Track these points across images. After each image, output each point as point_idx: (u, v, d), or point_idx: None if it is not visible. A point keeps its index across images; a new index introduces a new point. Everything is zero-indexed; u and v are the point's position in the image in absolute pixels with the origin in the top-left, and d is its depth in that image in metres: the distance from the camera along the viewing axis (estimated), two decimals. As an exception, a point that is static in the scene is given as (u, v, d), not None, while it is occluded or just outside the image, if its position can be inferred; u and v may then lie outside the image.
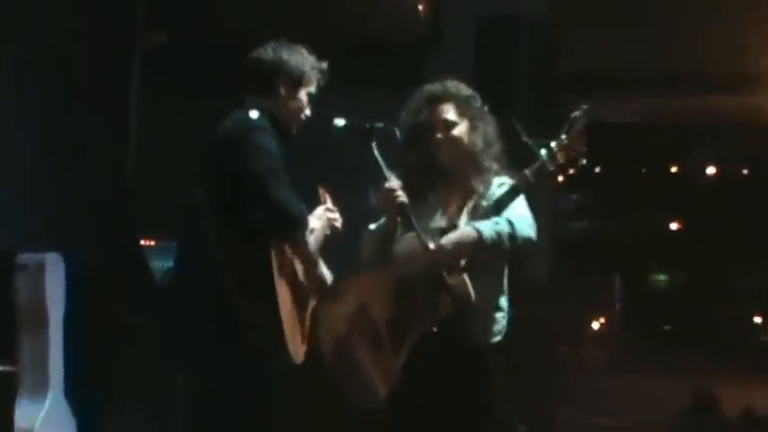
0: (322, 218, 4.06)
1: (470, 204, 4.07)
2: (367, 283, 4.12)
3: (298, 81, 3.99)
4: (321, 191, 4.17)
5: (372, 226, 4.19)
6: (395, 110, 4.17)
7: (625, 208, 11.74)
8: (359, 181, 4.05)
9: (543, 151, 3.91)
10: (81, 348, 5.42)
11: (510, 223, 3.95)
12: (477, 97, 4.18)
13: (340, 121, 4.07)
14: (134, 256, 5.92)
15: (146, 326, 5.65)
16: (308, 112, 4.05)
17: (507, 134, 4.13)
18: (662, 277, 11.91)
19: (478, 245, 3.91)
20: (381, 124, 4.02)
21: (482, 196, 4.07)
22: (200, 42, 6.40)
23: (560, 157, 3.91)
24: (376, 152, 3.99)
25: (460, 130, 4.11)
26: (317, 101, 4.09)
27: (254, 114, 3.86)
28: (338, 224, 4.10)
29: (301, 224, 3.87)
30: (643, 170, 12.13)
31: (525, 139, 3.91)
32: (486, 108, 4.19)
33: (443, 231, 4.03)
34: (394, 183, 3.98)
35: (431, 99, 4.14)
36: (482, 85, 4.37)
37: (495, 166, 4.12)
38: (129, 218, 6.18)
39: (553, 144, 3.92)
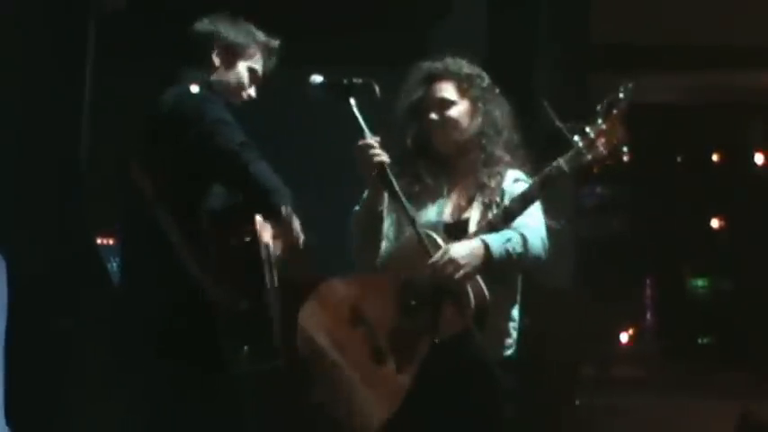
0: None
1: (481, 199, 4.06)
2: (363, 283, 4.10)
3: (234, 52, 4.08)
4: None
5: (358, 207, 4.18)
6: (395, 91, 4.18)
7: (658, 202, 11.73)
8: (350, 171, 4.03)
9: (577, 138, 3.86)
10: (24, 366, 5.36)
11: (523, 240, 3.95)
12: (485, 77, 4.22)
13: (317, 78, 4.07)
14: (88, 257, 5.87)
15: (102, 338, 5.59)
16: (252, 92, 4.13)
17: (535, 121, 4.09)
18: (701, 282, 11.89)
19: (485, 262, 3.91)
20: (360, 80, 4.03)
21: (495, 191, 4.06)
22: (166, 11, 6.36)
23: (600, 145, 3.86)
24: (355, 110, 3.98)
25: (458, 110, 4.14)
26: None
27: (195, 88, 3.92)
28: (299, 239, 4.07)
29: (287, 200, 3.86)
30: (679, 159, 12.11)
31: (558, 123, 3.86)
32: (496, 90, 4.21)
33: (448, 227, 4.04)
34: (370, 139, 3.95)
35: (428, 77, 4.20)
36: (497, 61, 4.34)
37: (505, 156, 4.12)
38: (82, 212, 6.13)
39: (589, 129, 3.86)
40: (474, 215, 4.05)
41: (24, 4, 5.95)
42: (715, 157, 11.95)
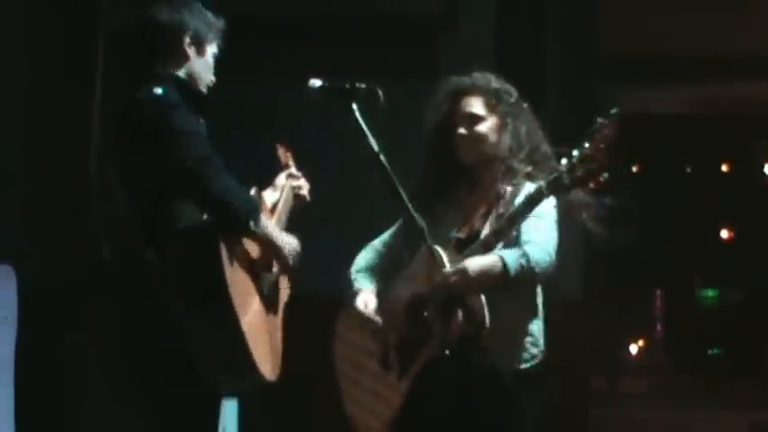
0: (284, 188, 3.96)
1: (495, 212, 4.07)
2: (382, 295, 4.16)
3: (203, 41, 3.92)
4: (281, 150, 4.06)
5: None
6: (400, 102, 4.14)
7: (667, 213, 11.71)
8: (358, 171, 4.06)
9: (564, 161, 3.86)
10: (34, 378, 5.35)
11: (528, 256, 3.95)
12: (512, 91, 4.20)
13: (316, 83, 4.01)
14: (102, 269, 5.86)
15: (111, 351, 5.59)
16: (212, 77, 3.98)
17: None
18: (711, 293, 11.85)
19: (501, 278, 3.91)
20: (364, 84, 3.97)
21: (508, 204, 4.06)
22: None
23: (579, 170, 3.85)
24: (358, 115, 3.94)
25: (487, 125, 4.14)
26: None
27: (158, 90, 3.74)
28: (305, 192, 4.02)
29: (253, 214, 3.72)
30: (688, 169, 12.09)
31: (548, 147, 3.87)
32: (524, 104, 4.20)
33: (460, 242, 4.04)
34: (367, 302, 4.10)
35: (456, 92, 4.18)
36: (504, 72, 4.34)
37: (527, 168, 4.12)
38: (93, 224, 6.13)
39: (575, 153, 3.86)
40: (486, 228, 4.05)
41: (35, 18, 5.97)
42: (724, 168, 11.93)
